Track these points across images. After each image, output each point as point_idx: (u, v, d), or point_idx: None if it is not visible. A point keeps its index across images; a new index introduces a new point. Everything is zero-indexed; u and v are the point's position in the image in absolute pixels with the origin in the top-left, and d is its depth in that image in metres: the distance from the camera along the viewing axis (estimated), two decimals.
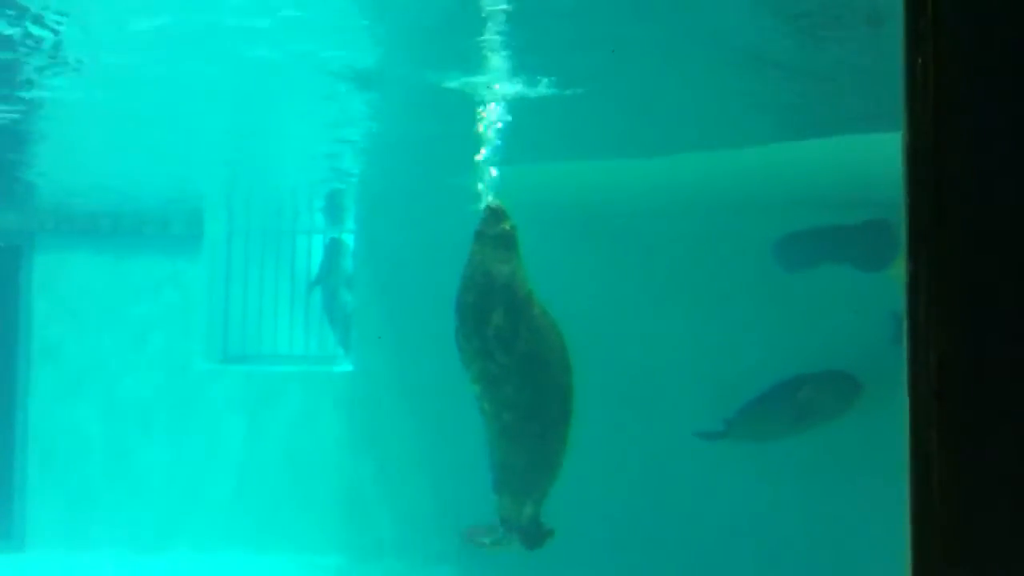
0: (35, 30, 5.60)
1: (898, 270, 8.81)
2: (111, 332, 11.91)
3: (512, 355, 6.72)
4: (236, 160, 10.02)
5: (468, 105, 7.17)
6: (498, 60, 6.28)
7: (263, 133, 8.71)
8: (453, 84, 6.78)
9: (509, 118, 7.30)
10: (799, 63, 5.94)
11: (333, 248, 12.91)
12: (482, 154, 7.67)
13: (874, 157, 6.71)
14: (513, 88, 6.81)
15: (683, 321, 10.07)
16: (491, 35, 5.78)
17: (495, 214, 6.92)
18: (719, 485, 9.95)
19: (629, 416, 10.10)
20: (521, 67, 6.40)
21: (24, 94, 7.02)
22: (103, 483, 11.77)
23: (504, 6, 5.29)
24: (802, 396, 9.43)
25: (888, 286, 8.89)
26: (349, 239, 12.55)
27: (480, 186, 7.36)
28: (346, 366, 11.73)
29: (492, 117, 7.29)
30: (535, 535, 6.99)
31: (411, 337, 10.63)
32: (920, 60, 1.47)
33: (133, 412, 11.83)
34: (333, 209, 12.51)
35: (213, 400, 11.82)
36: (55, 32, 5.65)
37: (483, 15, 5.45)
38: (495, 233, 6.87)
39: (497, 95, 6.97)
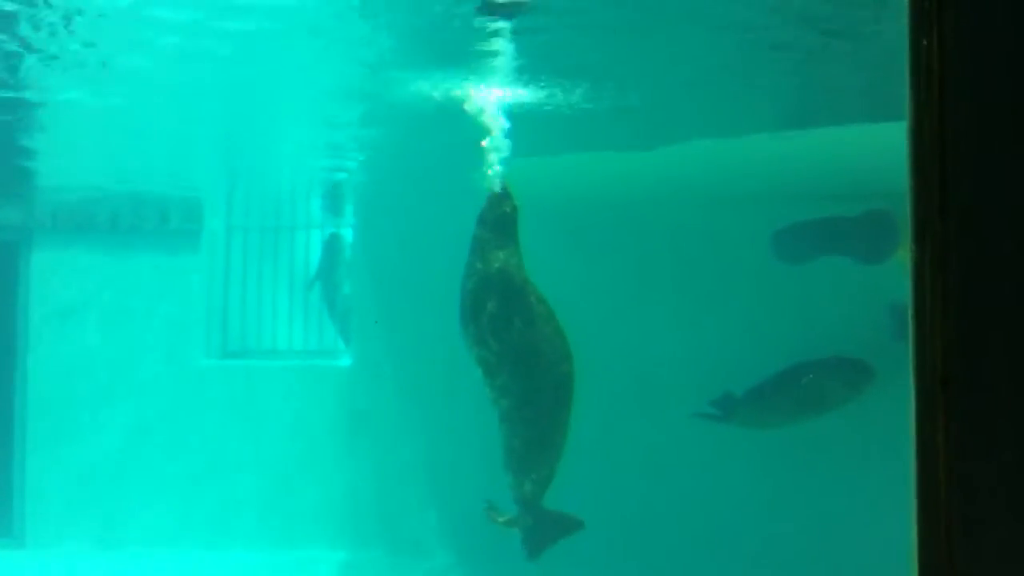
0: (39, 29, 5.59)
1: (901, 260, 8.81)
2: (110, 328, 11.90)
3: (504, 344, 6.81)
4: (235, 155, 10.02)
5: (467, 102, 7.18)
6: (498, 60, 6.27)
7: (261, 129, 8.70)
8: (451, 84, 6.79)
9: (510, 113, 7.30)
10: (801, 50, 5.92)
11: (332, 242, 12.89)
12: (484, 146, 7.67)
13: (874, 147, 6.69)
14: (513, 86, 6.81)
15: (684, 312, 10.06)
16: (490, 35, 5.78)
17: (496, 198, 6.97)
18: (723, 476, 9.95)
19: (630, 407, 10.10)
20: (521, 66, 6.39)
21: (24, 90, 7.01)
22: (103, 479, 11.75)
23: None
24: (809, 383, 9.38)
25: (887, 277, 8.89)
26: (348, 233, 12.54)
27: (488, 175, 7.38)
28: (345, 360, 11.73)
29: (492, 113, 7.30)
30: (534, 518, 7.11)
31: (410, 330, 10.63)
32: (925, 43, 1.45)
33: (132, 408, 11.82)
34: (332, 203, 12.50)
35: (213, 395, 11.81)
36: (58, 30, 5.65)
37: (479, 17, 5.45)
38: (494, 217, 6.92)
39: (497, 93, 6.97)
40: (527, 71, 6.52)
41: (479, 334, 6.83)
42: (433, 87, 6.94)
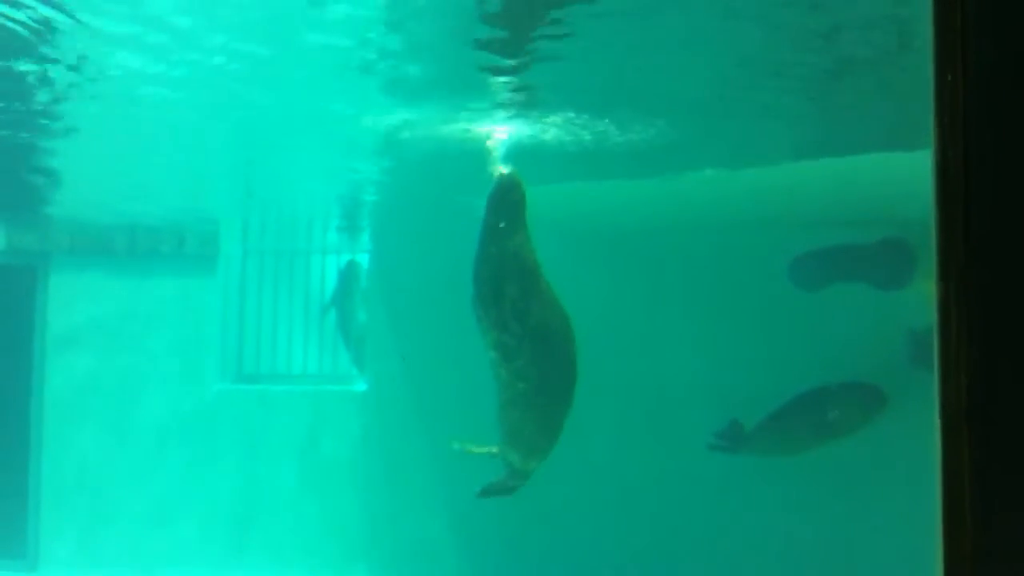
0: (55, 55, 5.64)
1: (920, 288, 8.80)
2: (126, 352, 11.93)
3: (525, 327, 6.87)
4: (251, 180, 10.07)
5: (482, 135, 7.24)
6: (511, 93, 6.31)
7: (278, 155, 8.74)
8: (467, 116, 6.83)
9: (523, 143, 7.35)
10: (822, 81, 5.94)
11: (348, 268, 12.94)
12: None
13: (892, 176, 6.69)
14: (528, 116, 6.86)
15: (700, 338, 10.06)
16: (501, 69, 5.82)
17: (506, 183, 7.00)
18: (737, 500, 9.92)
19: (648, 431, 10.10)
20: (536, 97, 6.43)
21: (41, 116, 7.06)
22: (116, 504, 11.76)
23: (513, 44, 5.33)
24: (824, 409, 9.37)
25: (905, 304, 8.88)
26: (364, 259, 12.58)
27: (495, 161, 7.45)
28: (360, 385, 11.73)
29: (506, 143, 7.35)
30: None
31: (425, 355, 10.64)
32: (950, 78, 1.46)
33: (147, 432, 11.83)
34: (348, 228, 12.54)
35: (227, 420, 11.82)
36: (74, 58, 5.70)
37: (491, 52, 5.50)
38: (505, 203, 6.99)
39: (511, 127, 7.04)
40: (542, 102, 6.55)
41: (500, 318, 6.88)
42: (450, 118, 6.98)
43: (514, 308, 6.86)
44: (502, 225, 6.94)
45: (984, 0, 1.50)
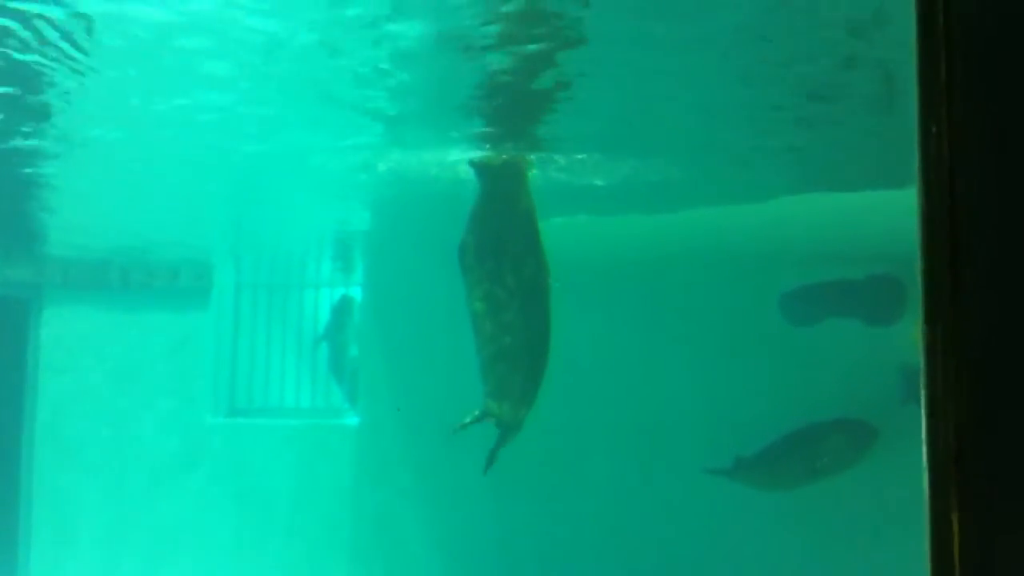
0: (51, 89, 5.67)
1: (910, 324, 8.83)
2: (118, 385, 11.91)
3: (520, 281, 6.91)
4: (244, 214, 10.09)
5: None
6: (500, 132, 6.36)
7: (271, 190, 8.77)
8: (463, 148, 6.88)
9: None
10: (815, 119, 5.99)
11: (341, 302, 12.94)
12: None
13: (883, 212, 6.73)
14: (530, 152, 6.91)
15: (693, 371, 10.08)
16: (490, 108, 5.86)
17: (513, 159, 7.09)
18: (727, 532, 9.91)
19: (640, 464, 10.10)
20: (524, 138, 6.48)
21: (35, 150, 7.09)
22: (110, 538, 11.70)
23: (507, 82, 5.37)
24: (815, 445, 9.37)
25: (897, 340, 8.91)
26: (357, 293, 12.59)
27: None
28: (352, 419, 11.71)
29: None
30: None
31: (417, 391, 10.63)
32: (934, 129, 1.49)
33: (140, 465, 11.80)
34: (341, 262, 12.55)
35: (219, 453, 11.79)
36: (69, 92, 5.73)
37: (484, 91, 5.53)
38: (515, 172, 7.07)
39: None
40: (535, 140, 6.60)
41: (496, 270, 6.91)
42: (441, 153, 7.03)
43: (513, 262, 6.91)
44: (512, 186, 7.01)
45: (968, 53, 1.53)
